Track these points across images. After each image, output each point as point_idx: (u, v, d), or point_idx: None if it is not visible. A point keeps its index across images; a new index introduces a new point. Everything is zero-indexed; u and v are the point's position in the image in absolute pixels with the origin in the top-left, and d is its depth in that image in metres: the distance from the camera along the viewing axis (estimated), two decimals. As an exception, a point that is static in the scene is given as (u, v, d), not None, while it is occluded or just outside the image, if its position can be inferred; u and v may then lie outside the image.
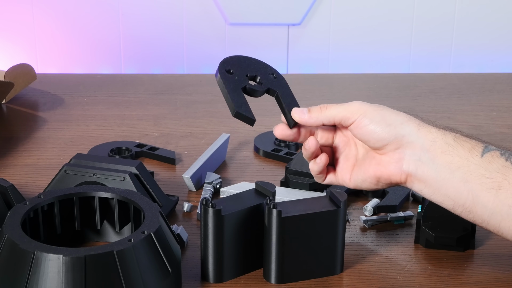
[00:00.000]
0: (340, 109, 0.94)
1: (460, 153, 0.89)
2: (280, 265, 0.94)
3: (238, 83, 0.96)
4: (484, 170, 0.88)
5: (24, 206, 0.93)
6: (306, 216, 0.93)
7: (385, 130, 0.91)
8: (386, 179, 0.93)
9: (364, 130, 0.92)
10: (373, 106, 0.93)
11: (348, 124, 0.93)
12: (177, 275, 0.92)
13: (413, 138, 0.91)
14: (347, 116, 0.93)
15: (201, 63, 1.79)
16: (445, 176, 0.90)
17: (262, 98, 1.00)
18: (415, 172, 0.91)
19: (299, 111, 0.96)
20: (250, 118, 0.95)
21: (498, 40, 1.81)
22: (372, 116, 0.92)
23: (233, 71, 0.97)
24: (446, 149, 0.90)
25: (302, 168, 1.16)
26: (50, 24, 1.72)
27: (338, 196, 0.95)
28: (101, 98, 1.55)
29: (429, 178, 0.91)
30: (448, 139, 0.90)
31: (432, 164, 0.90)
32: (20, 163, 1.26)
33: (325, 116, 0.94)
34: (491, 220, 0.88)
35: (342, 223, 0.95)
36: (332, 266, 0.97)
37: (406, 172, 0.92)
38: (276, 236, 0.93)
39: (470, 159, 0.89)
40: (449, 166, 0.89)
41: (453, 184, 0.89)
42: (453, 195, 0.90)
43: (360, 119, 0.92)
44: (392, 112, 0.93)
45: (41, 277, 0.83)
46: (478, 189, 0.88)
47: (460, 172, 0.89)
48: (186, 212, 1.12)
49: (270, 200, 0.93)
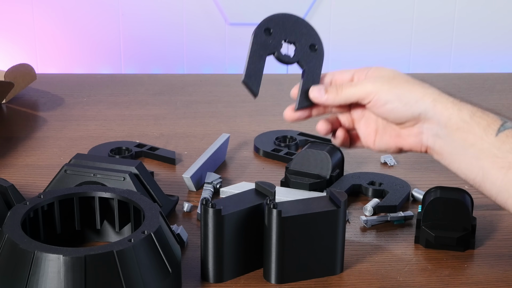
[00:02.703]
0: (355, 90, 0.95)
1: (475, 131, 0.90)
2: (280, 265, 0.94)
3: (268, 47, 0.95)
4: (497, 150, 0.89)
5: (24, 206, 0.93)
6: (306, 216, 0.93)
7: (402, 109, 0.93)
8: (408, 149, 0.97)
9: (381, 109, 0.94)
10: (386, 85, 0.93)
11: (364, 103, 0.95)
12: (177, 275, 0.92)
13: (429, 115, 0.92)
14: (362, 96, 0.94)
15: (201, 63, 1.79)
16: (458, 152, 0.91)
17: (262, 98, 0.99)
18: (433, 146, 0.94)
19: (317, 90, 0.97)
20: (253, 92, 0.95)
21: (498, 40, 1.81)
22: (386, 96, 0.93)
23: (272, 32, 0.95)
24: (461, 126, 0.91)
25: (302, 168, 1.16)
26: (50, 24, 1.72)
27: (338, 196, 0.95)
28: (101, 98, 1.55)
29: (445, 152, 0.93)
30: (464, 116, 0.91)
31: (447, 140, 0.92)
32: (20, 163, 1.26)
33: (341, 97, 0.96)
34: (498, 197, 0.90)
35: (342, 223, 0.95)
36: (332, 266, 0.97)
37: (426, 145, 0.95)
38: (276, 236, 0.93)
39: (484, 137, 0.90)
40: (463, 143, 0.91)
41: (466, 160, 0.91)
42: (465, 170, 0.92)
43: (375, 99, 0.93)
44: (406, 88, 0.93)
45: (41, 277, 0.83)
46: (489, 167, 0.89)
47: (473, 149, 0.90)
48: (186, 212, 1.12)
49: (270, 200, 0.93)
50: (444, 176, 1.24)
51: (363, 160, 1.28)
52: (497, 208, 1.13)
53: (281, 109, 1.50)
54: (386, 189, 1.15)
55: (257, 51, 0.94)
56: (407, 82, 0.94)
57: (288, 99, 1.03)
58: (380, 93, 0.93)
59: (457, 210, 1.01)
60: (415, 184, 1.19)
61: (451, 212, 1.01)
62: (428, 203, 1.02)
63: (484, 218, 1.10)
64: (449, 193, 1.03)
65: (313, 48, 0.98)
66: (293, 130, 1.36)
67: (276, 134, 1.35)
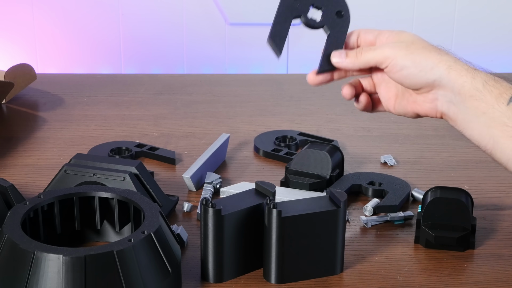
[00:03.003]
0: (373, 54, 0.96)
1: (487, 99, 0.91)
2: (280, 265, 0.94)
3: (295, 10, 0.97)
4: (507, 119, 0.90)
5: (24, 206, 0.93)
6: (306, 216, 0.93)
7: (416, 75, 0.94)
8: (424, 115, 0.99)
9: (397, 75, 0.95)
10: (403, 50, 0.95)
11: (382, 68, 0.96)
12: (177, 275, 0.92)
13: (444, 81, 0.93)
14: (380, 61, 0.96)
15: (201, 63, 1.79)
16: (471, 119, 0.93)
17: (262, 98, 0.99)
18: (447, 112, 0.95)
19: (338, 54, 0.99)
20: (276, 51, 0.97)
21: (498, 40, 1.81)
22: (403, 62, 0.94)
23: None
24: (474, 93, 0.92)
25: (302, 168, 1.16)
26: (50, 24, 1.72)
27: (338, 196, 0.95)
28: (101, 98, 1.55)
29: (458, 118, 0.94)
30: (477, 84, 0.92)
31: (461, 106, 0.93)
32: (20, 163, 1.26)
33: (360, 61, 0.97)
34: (508, 165, 0.91)
35: (342, 223, 0.95)
36: (332, 266, 0.97)
37: (440, 111, 0.96)
38: (276, 236, 0.93)
39: (496, 106, 0.90)
40: (475, 111, 0.92)
41: (478, 128, 0.92)
42: (477, 137, 0.93)
43: (392, 64, 0.95)
44: (423, 54, 0.94)
45: (41, 277, 0.83)
46: (499, 135, 0.90)
47: (485, 117, 0.91)
48: (186, 212, 1.12)
49: (270, 200, 0.93)
50: (444, 176, 1.24)
51: (363, 160, 1.28)
52: (497, 208, 1.13)
53: (281, 109, 1.51)
54: (386, 189, 1.15)
55: (283, 13, 0.96)
56: (424, 48, 0.95)
57: (288, 99, 1.03)
58: (397, 58, 0.94)
59: (457, 210, 1.01)
60: (415, 184, 1.19)
61: (451, 212, 1.01)
62: (428, 203, 1.02)
63: (484, 218, 1.10)
64: (449, 193, 1.03)
65: (340, 14, 1.00)
66: (293, 130, 1.36)
67: (276, 134, 1.35)
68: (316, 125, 1.43)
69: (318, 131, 1.39)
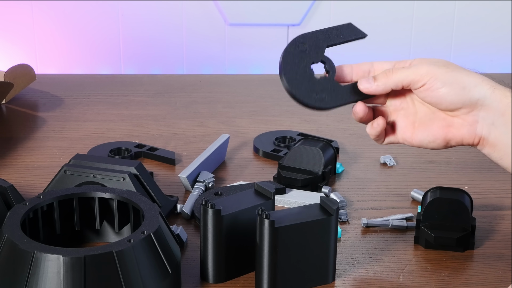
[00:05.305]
0: (407, 73, 0.90)
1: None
2: (272, 276, 0.92)
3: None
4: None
5: (24, 206, 0.93)
6: (298, 225, 0.91)
7: (459, 93, 0.88)
8: (457, 142, 0.91)
9: (436, 93, 0.89)
10: (442, 68, 0.89)
11: (417, 87, 0.90)
12: (177, 276, 0.92)
13: (488, 101, 0.88)
14: (416, 79, 0.90)
15: (200, 63, 1.79)
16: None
17: (261, 98, 0.99)
18: (488, 136, 0.89)
19: (365, 81, 0.93)
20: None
21: (497, 40, 1.81)
22: (445, 78, 0.89)
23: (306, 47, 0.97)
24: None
25: (295, 164, 1.17)
26: (49, 24, 1.72)
27: (330, 204, 0.93)
28: (101, 98, 1.55)
29: (500, 143, 0.89)
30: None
31: (504, 129, 0.88)
32: (20, 163, 1.26)
33: (392, 81, 0.91)
34: None
35: (334, 231, 0.94)
36: (324, 274, 0.95)
37: (480, 135, 0.90)
38: (268, 246, 0.90)
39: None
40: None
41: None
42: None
43: (431, 82, 0.89)
44: (464, 72, 0.89)
45: (40, 278, 0.83)
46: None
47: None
48: (178, 213, 1.11)
49: (262, 211, 0.90)
50: (443, 176, 1.24)
51: (363, 161, 1.28)
52: (497, 209, 1.13)
53: (280, 110, 1.51)
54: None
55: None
56: (462, 68, 0.90)
57: (287, 99, 1.03)
58: (437, 75, 0.88)
59: (456, 211, 1.01)
60: (414, 184, 1.19)
61: (450, 212, 1.01)
62: (427, 203, 1.02)
63: (484, 218, 1.10)
64: (449, 193, 1.03)
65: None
66: (293, 131, 1.36)
67: (275, 134, 1.35)
68: (315, 125, 1.43)
69: (318, 132, 1.39)
